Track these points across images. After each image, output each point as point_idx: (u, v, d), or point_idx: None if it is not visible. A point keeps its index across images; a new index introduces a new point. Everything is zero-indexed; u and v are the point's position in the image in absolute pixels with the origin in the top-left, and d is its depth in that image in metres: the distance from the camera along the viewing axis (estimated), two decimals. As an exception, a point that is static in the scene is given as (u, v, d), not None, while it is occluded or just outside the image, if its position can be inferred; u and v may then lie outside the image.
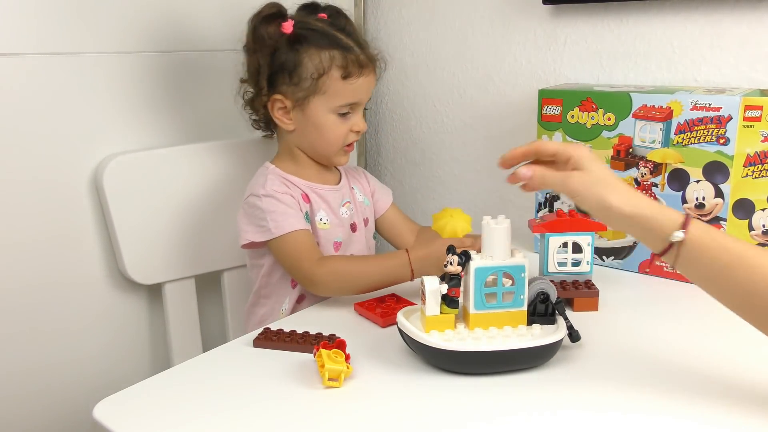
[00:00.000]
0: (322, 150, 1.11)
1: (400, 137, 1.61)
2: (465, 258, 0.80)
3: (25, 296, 1.08)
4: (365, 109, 1.13)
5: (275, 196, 1.05)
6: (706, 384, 0.77)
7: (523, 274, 0.81)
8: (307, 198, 1.10)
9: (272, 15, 1.06)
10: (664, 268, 1.13)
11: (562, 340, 0.81)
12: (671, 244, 0.71)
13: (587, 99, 1.15)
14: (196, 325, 1.26)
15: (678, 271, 0.74)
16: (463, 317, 0.84)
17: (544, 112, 1.19)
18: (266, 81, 1.07)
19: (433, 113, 1.54)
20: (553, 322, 0.84)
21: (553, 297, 0.84)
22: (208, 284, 1.29)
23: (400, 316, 0.84)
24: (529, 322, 0.83)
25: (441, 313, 0.81)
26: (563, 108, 1.17)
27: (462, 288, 0.82)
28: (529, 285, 0.83)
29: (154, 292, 1.23)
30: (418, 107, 1.56)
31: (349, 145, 1.12)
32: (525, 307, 0.82)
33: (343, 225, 1.13)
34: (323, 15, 1.09)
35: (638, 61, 1.25)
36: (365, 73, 1.07)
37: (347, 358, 0.80)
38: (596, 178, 0.75)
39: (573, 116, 1.16)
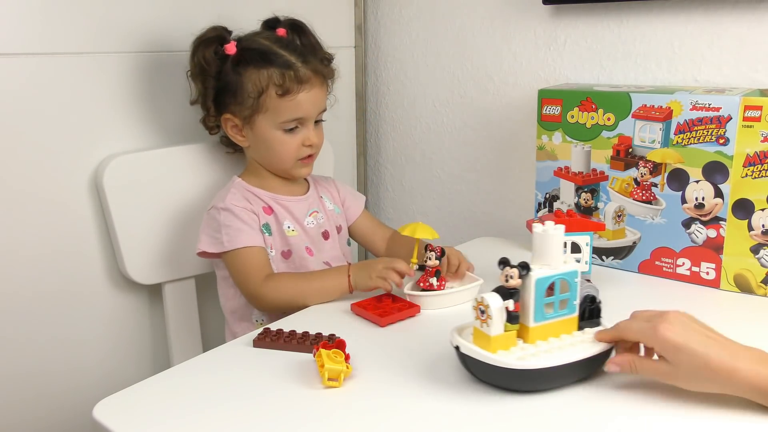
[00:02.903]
0: (276, 164, 1.13)
1: (400, 137, 1.61)
2: (525, 270, 0.76)
3: (25, 296, 1.08)
4: (320, 121, 1.14)
5: (232, 211, 1.08)
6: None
7: (576, 279, 0.78)
8: (270, 210, 1.12)
9: (211, 39, 1.10)
10: (664, 268, 1.13)
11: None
12: None
13: (587, 99, 1.15)
14: (196, 325, 1.26)
15: None
16: (518, 332, 0.79)
17: (544, 112, 1.19)
18: (212, 102, 1.11)
19: (433, 113, 1.54)
20: (598, 324, 0.82)
21: (599, 297, 0.82)
22: (208, 284, 1.29)
23: (460, 339, 0.78)
24: (579, 327, 0.81)
25: (504, 330, 0.76)
26: (563, 108, 1.17)
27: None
28: None
29: (154, 292, 1.23)
30: (418, 107, 1.56)
31: (307, 158, 1.13)
32: (577, 313, 0.80)
33: (309, 234, 1.15)
34: (282, 30, 1.12)
35: (638, 61, 1.25)
36: (306, 89, 1.08)
37: (347, 358, 0.80)
38: (686, 371, 0.72)
39: (573, 116, 1.17)
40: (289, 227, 1.13)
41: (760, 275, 1.05)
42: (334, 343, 0.83)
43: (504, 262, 0.77)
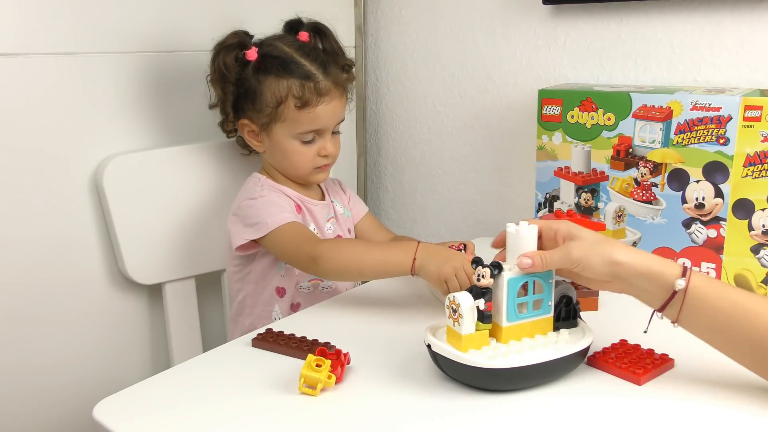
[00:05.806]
0: (292, 172, 1.13)
1: (400, 137, 1.61)
2: (497, 270, 0.76)
3: (25, 296, 1.08)
4: (336, 132, 1.13)
5: (271, 197, 1.08)
6: (706, 382, 0.77)
7: (551, 280, 0.78)
8: (300, 208, 1.12)
9: (232, 45, 1.08)
10: (664, 268, 1.13)
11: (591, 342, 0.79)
12: (673, 295, 0.72)
13: (587, 99, 1.15)
14: (196, 325, 1.26)
15: (681, 326, 0.75)
16: (491, 331, 0.79)
17: (544, 112, 1.19)
18: (231, 108, 1.10)
19: (433, 113, 1.54)
20: (575, 324, 0.82)
21: (575, 299, 0.82)
22: (208, 284, 1.29)
23: (431, 338, 0.78)
24: (555, 328, 0.81)
25: (475, 330, 0.76)
26: (563, 108, 1.17)
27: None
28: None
29: (154, 292, 1.23)
30: (418, 107, 1.56)
31: (323, 165, 1.12)
32: (552, 314, 0.80)
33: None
34: (305, 35, 1.11)
35: (638, 61, 1.25)
36: (325, 101, 1.07)
37: (341, 368, 0.78)
38: (594, 240, 0.76)
39: (573, 116, 1.16)
40: (314, 230, 1.13)
41: (760, 275, 1.05)
42: (333, 351, 0.80)
43: (476, 262, 0.77)
